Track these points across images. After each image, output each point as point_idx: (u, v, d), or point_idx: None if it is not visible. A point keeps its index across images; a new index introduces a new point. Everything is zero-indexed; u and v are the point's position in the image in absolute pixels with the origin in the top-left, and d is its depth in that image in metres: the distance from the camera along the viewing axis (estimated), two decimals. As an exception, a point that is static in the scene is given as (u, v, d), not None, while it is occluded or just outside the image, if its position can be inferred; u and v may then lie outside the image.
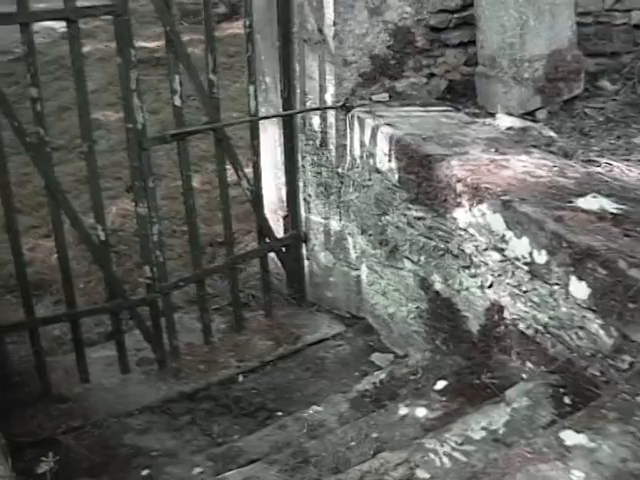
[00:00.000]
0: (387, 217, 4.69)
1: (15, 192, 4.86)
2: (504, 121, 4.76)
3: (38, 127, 4.35)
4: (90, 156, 4.55)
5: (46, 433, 4.49)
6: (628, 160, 4.37)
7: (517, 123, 4.75)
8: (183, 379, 4.96)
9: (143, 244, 4.87)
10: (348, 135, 4.93)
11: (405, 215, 4.51)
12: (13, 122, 4.32)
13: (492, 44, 4.97)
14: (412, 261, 4.58)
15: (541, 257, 3.57)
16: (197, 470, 3.98)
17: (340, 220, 5.17)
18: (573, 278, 3.41)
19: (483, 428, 3.28)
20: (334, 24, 4.75)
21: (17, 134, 4.35)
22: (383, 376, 4.45)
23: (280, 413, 4.61)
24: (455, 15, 5.13)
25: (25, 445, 4.34)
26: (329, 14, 4.74)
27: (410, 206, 4.45)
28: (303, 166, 5.28)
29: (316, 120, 5.06)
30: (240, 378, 4.96)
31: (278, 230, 5.46)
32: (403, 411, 3.85)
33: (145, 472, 4.09)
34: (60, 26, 11.68)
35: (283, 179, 5.39)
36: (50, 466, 3.10)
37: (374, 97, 4.98)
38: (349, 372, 4.93)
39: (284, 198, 5.44)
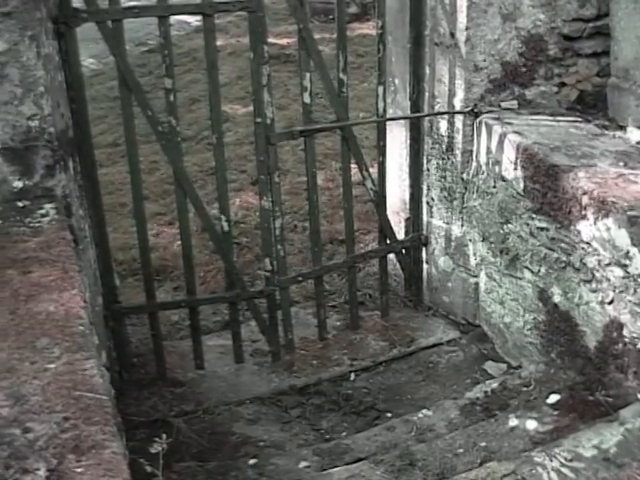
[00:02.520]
0: (509, 226, 4.64)
1: (143, 179, 5.00)
2: (635, 135, 4.65)
3: (170, 117, 4.46)
4: (218, 148, 4.64)
5: (159, 415, 4.59)
6: None
7: (649, 138, 4.65)
8: (295, 373, 5.01)
9: (264, 237, 4.93)
10: (475, 141, 4.90)
11: (528, 225, 4.46)
12: (146, 111, 4.44)
13: (626, 56, 4.87)
14: (532, 271, 4.52)
15: (666, 276, 3.49)
16: (303, 464, 4.03)
17: (462, 226, 5.14)
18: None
19: (594, 446, 3.23)
20: (466, 29, 4.72)
21: (150, 123, 4.47)
22: (495, 385, 4.42)
23: (389, 414, 4.62)
24: (589, 24, 5.04)
25: (138, 425, 4.46)
26: (462, 18, 4.72)
27: (534, 216, 4.40)
28: (428, 169, 5.27)
29: (443, 124, 5.05)
30: (352, 376, 4.98)
31: (399, 232, 5.46)
32: (513, 422, 3.82)
33: (252, 461, 4.14)
34: (194, 20, 11.98)
35: (407, 181, 5.38)
36: (162, 447, 3.16)
37: (503, 104, 4.93)
38: (461, 379, 4.90)
39: (407, 200, 5.43)
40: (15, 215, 3.50)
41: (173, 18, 4.49)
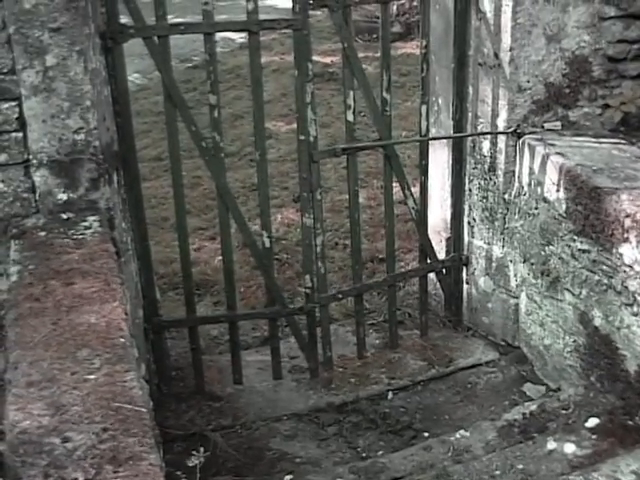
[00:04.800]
0: (551, 247, 4.62)
1: (185, 194, 5.04)
2: (679, 157, 4.63)
3: (214, 133, 4.50)
4: (261, 164, 4.67)
5: (196, 428, 4.62)
6: None
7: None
8: (333, 390, 5.01)
9: (306, 254, 4.95)
10: (517, 162, 4.89)
11: (570, 247, 4.44)
12: (191, 127, 4.48)
13: (673, 78, 4.85)
14: (573, 294, 4.49)
15: None
16: (339, 481, 4.02)
17: (503, 247, 5.13)
18: None
19: (633, 472, 3.21)
20: (510, 49, 4.71)
21: (194, 138, 4.51)
22: (534, 408, 4.39)
23: (426, 434, 4.60)
24: (634, 46, 5.01)
25: (175, 438, 4.48)
26: (506, 39, 4.71)
27: (575, 238, 4.37)
28: (470, 189, 5.26)
29: (486, 144, 5.04)
30: (390, 395, 4.97)
31: (440, 252, 5.45)
32: (551, 445, 3.79)
33: (288, 477, 4.16)
34: (238, 37, 12.08)
35: (449, 201, 5.38)
36: (200, 461, 3.18)
37: (546, 125, 4.92)
38: (499, 400, 4.87)
39: (448, 220, 5.42)
40: (59, 227, 3.55)
41: (218, 35, 4.53)
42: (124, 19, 4.17)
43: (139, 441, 2.27)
